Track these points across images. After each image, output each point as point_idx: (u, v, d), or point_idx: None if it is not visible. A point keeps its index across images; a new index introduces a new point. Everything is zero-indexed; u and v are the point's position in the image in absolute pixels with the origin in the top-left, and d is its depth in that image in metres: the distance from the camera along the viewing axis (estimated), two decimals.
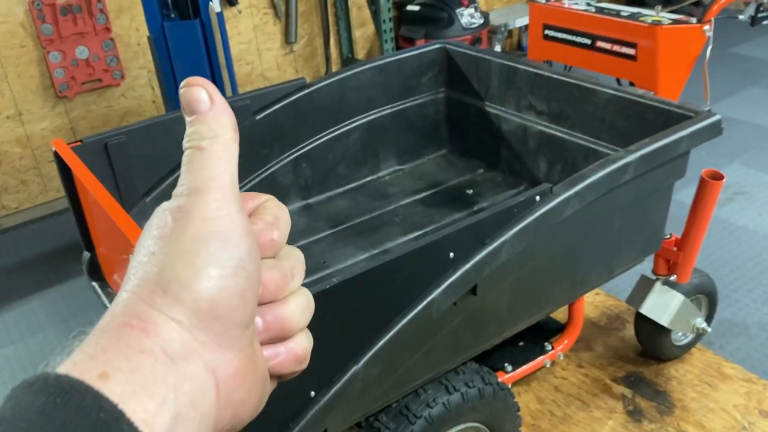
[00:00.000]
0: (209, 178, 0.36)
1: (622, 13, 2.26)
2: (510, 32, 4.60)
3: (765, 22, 2.40)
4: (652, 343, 1.80)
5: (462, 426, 1.36)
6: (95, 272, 1.53)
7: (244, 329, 0.36)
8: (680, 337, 1.84)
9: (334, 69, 4.05)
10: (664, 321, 1.68)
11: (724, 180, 1.52)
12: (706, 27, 2.15)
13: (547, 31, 2.44)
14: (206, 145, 0.37)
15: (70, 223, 1.53)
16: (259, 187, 1.77)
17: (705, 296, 1.82)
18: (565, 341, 1.72)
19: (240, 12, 3.61)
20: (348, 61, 4.07)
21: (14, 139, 3.10)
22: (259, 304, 0.38)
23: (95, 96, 3.26)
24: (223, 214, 0.35)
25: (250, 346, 0.37)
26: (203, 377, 0.34)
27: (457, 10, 3.97)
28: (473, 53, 1.94)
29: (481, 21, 4.08)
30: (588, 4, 2.38)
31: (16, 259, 2.93)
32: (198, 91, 0.37)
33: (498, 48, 4.35)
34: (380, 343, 1.08)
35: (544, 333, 1.74)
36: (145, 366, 0.31)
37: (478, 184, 1.96)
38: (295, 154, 1.84)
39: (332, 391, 1.06)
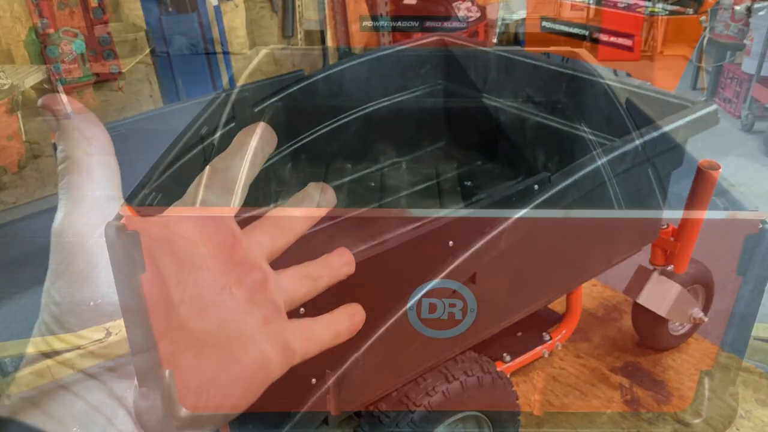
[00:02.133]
0: None
1: (620, 5, 2.27)
2: (507, 26, 4.61)
3: (761, 13, 2.41)
4: (650, 334, 1.81)
5: (461, 414, 1.37)
6: None
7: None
8: (677, 328, 1.85)
9: (330, 63, 4.05)
10: (661, 311, 1.68)
11: (720, 170, 1.52)
12: (702, 18, 2.16)
13: (544, 23, 2.44)
14: None
15: None
16: (257, 179, 1.77)
17: (702, 286, 1.83)
18: (563, 332, 1.73)
19: (237, 6, 3.60)
20: (345, 54, 4.07)
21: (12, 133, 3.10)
22: None
23: (92, 91, 3.25)
24: None
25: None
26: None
27: (454, 4, 3.97)
28: (471, 45, 1.94)
29: (478, 15, 4.08)
30: None
31: (14, 254, 2.93)
32: None
33: (495, 42, 4.35)
34: (380, 331, 1.09)
35: (542, 323, 1.75)
36: None
37: (476, 176, 1.96)
38: (294, 147, 1.84)
39: (333, 378, 1.07)
